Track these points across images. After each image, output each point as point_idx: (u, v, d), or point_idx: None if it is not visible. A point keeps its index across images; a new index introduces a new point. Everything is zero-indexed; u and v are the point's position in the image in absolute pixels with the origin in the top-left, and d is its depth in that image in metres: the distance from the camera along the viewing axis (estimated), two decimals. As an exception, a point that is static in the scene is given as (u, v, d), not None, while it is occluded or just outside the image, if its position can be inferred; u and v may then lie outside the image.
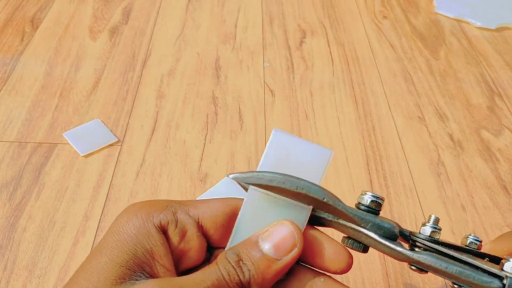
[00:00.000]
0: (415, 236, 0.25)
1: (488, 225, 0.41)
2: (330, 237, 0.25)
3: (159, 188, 0.42)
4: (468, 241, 0.25)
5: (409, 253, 0.24)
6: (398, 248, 0.24)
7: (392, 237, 0.25)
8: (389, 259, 0.38)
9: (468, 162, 0.46)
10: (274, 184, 0.24)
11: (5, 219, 0.39)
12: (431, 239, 0.24)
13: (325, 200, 0.24)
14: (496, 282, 0.22)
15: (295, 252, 0.24)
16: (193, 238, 0.25)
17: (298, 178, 0.24)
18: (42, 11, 0.64)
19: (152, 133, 0.48)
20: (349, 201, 0.28)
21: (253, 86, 0.54)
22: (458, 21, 0.66)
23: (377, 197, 0.25)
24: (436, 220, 0.25)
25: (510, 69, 0.58)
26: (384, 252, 0.25)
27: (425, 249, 0.24)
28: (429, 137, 0.49)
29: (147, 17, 0.64)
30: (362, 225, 0.24)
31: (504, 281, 0.22)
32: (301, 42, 0.61)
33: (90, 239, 0.38)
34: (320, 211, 0.25)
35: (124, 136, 0.47)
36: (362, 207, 0.25)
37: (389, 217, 0.41)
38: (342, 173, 0.44)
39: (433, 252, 0.24)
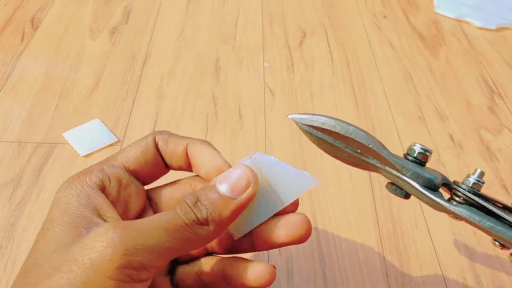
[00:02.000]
0: (458, 186, 0.26)
1: (488, 225, 0.41)
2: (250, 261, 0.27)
3: (159, 188, 0.42)
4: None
5: (446, 204, 0.25)
6: (436, 199, 0.26)
7: (433, 187, 0.26)
8: (389, 258, 0.38)
9: (468, 162, 0.46)
10: (326, 127, 0.27)
11: (5, 219, 0.39)
12: (473, 190, 0.26)
13: (370, 146, 0.26)
14: None
15: (249, 192, 0.25)
16: (128, 184, 0.27)
17: (348, 124, 0.26)
18: (42, 11, 0.64)
19: (152, 133, 0.48)
20: (349, 201, 0.28)
21: (253, 86, 0.54)
22: (458, 21, 0.66)
23: (425, 149, 0.27)
24: (481, 174, 0.27)
25: (510, 69, 0.58)
26: (423, 201, 0.26)
27: (465, 200, 0.26)
28: (429, 137, 0.49)
29: (147, 17, 0.64)
30: (403, 172, 0.26)
31: None
32: (301, 42, 0.61)
33: (90, 239, 0.38)
34: (369, 156, 0.27)
35: (124, 136, 0.47)
36: (410, 158, 0.26)
37: (389, 217, 0.41)
38: (342, 173, 0.44)
39: (471, 204, 0.25)
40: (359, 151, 0.27)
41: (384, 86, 0.55)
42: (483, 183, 0.26)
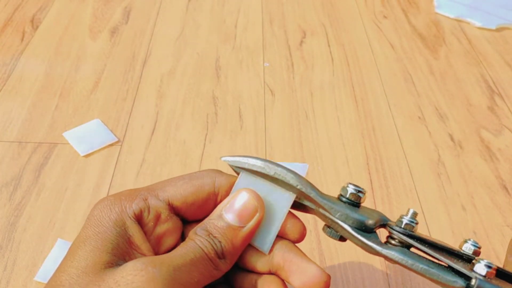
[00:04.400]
0: (392, 228, 0.25)
1: (488, 225, 0.41)
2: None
3: (159, 188, 0.42)
4: (464, 246, 0.25)
5: (377, 247, 0.24)
6: (367, 241, 0.24)
7: (365, 229, 0.25)
8: (389, 259, 0.38)
9: (468, 162, 0.46)
10: (255, 169, 0.26)
11: (5, 219, 0.39)
12: (406, 231, 0.24)
13: (298, 187, 0.25)
14: (460, 282, 0.22)
15: (257, 218, 0.25)
16: (167, 220, 0.26)
17: (278, 165, 0.25)
18: (42, 11, 0.64)
19: (152, 133, 0.48)
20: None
21: (253, 86, 0.54)
22: (458, 21, 0.66)
23: (358, 190, 0.25)
24: (414, 214, 0.25)
25: (510, 69, 0.58)
26: (355, 243, 0.25)
27: (400, 242, 0.24)
28: (429, 137, 0.49)
29: (147, 17, 0.64)
30: (333, 213, 0.25)
31: (473, 282, 0.22)
32: (301, 42, 0.61)
33: (90, 239, 0.38)
34: (303, 198, 0.25)
35: (124, 136, 0.47)
36: (343, 199, 0.25)
37: (389, 217, 0.41)
38: (342, 173, 0.44)
39: (407, 246, 0.24)
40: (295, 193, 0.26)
41: (384, 86, 0.55)
42: (416, 223, 0.25)
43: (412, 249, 0.24)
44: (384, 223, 0.26)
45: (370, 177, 0.44)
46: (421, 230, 0.40)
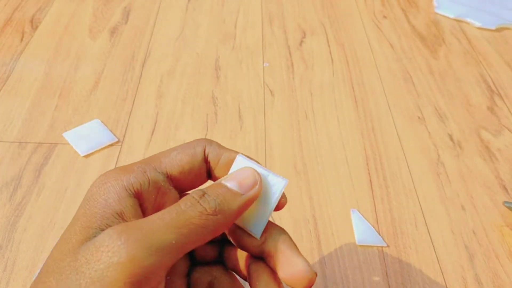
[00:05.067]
0: None
1: (488, 225, 0.41)
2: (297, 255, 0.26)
3: (159, 188, 0.42)
4: None
5: None
6: None
7: None
8: (389, 258, 0.38)
9: (468, 162, 0.46)
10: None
11: (5, 219, 0.39)
12: None
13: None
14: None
15: (257, 189, 0.25)
16: (166, 191, 0.26)
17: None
18: (42, 11, 0.64)
19: (152, 133, 0.48)
20: (349, 202, 0.28)
21: (252, 86, 0.54)
22: (458, 21, 0.66)
23: None
24: None
25: (510, 69, 0.58)
26: None
27: None
28: (429, 137, 0.49)
29: (147, 17, 0.64)
30: None
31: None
32: (301, 42, 0.61)
33: (90, 239, 0.38)
34: None
35: (124, 136, 0.47)
36: None
37: (388, 217, 0.41)
38: (342, 173, 0.45)
39: None
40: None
41: (384, 86, 0.55)
42: None
43: None
44: None
45: (369, 177, 0.44)
46: (420, 230, 0.40)
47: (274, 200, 0.26)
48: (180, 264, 0.28)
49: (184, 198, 0.24)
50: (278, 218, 0.40)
